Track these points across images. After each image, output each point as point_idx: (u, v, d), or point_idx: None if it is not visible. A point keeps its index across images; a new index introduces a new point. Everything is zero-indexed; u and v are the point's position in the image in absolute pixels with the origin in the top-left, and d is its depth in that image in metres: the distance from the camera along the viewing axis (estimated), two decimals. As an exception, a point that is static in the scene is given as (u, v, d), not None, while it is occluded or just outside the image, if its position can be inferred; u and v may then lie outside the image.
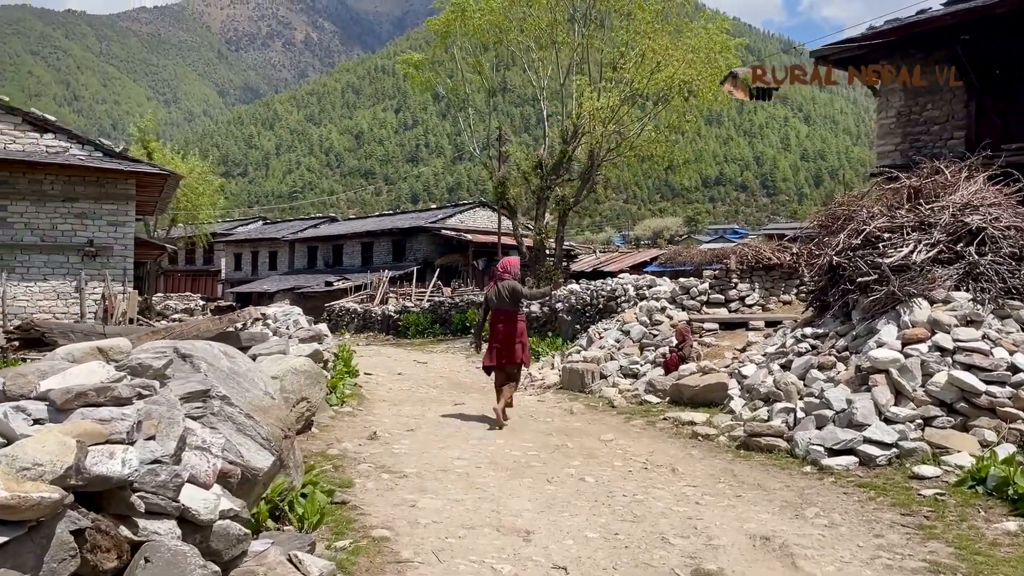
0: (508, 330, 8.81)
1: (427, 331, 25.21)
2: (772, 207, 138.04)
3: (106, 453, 2.34)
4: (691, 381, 9.47)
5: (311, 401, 7.52)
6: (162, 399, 2.82)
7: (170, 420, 2.74)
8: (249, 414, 3.71)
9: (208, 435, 2.99)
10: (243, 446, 3.51)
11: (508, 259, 9.57)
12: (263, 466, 3.51)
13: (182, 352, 3.95)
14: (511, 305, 8.83)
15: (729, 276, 12.97)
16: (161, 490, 2.53)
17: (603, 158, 21.81)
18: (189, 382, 3.35)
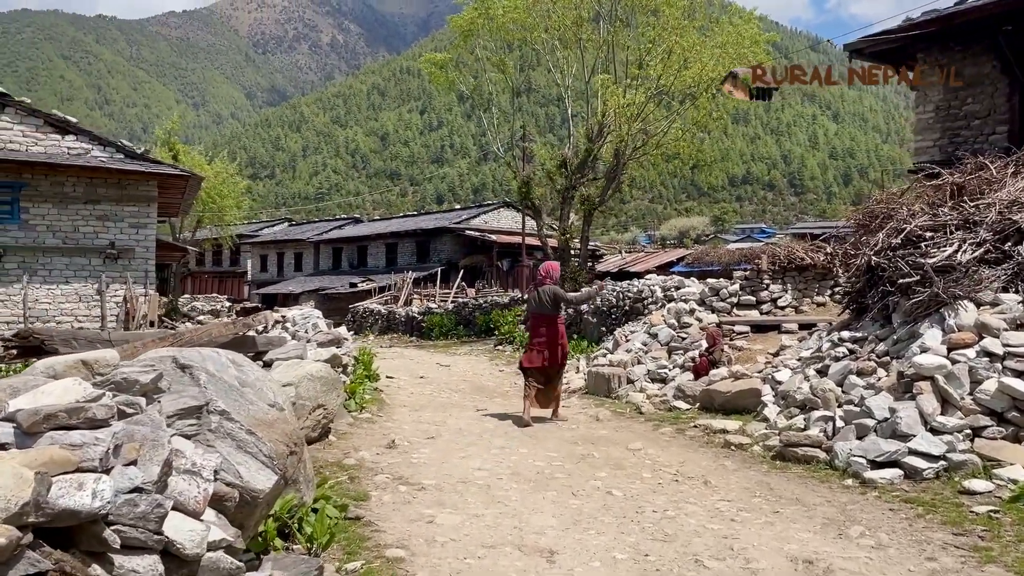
0: (550, 333, 9.09)
1: (451, 333, 24.99)
2: (800, 206, 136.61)
3: (74, 484, 2.07)
4: (722, 387, 9.11)
5: (328, 408, 7.27)
6: (146, 419, 2.56)
7: (154, 442, 2.47)
8: (251, 430, 3.45)
9: (200, 457, 2.72)
10: (243, 465, 3.25)
11: (549, 263, 9.83)
12: (264, 487, 3.24)
13: (181, 362, 3.70)
14: (552, 309, 9.12)
15: (760, 277, 12.57)
16: (141, 522, 2.27)
17: (629, 157, 21.40)
18: (183, 397, 3.09)
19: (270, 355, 8.24)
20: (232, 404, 3.63)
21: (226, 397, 3.66)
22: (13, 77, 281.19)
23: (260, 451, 3.41)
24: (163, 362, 3.70)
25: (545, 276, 9.30)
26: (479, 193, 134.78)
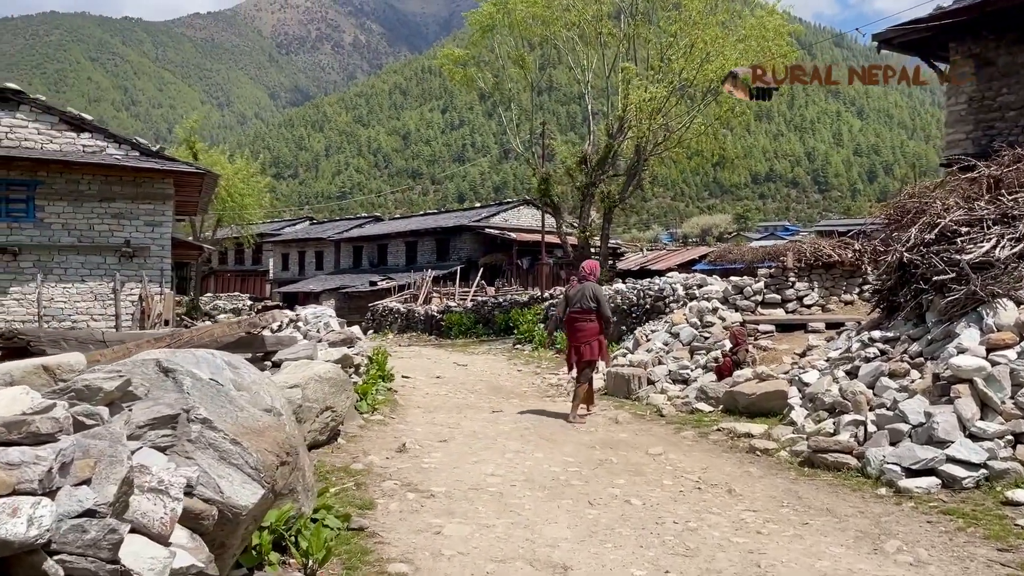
0: (586, 329, 9.13)
1: (470, 331, 24.73)
2: (824, 203, 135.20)
3: (7, 509, 1.82)
4: (746, 388, 8.77)
5: (336, 411, 7.03)
6: (105, 431, 2.30)
7: (112, 458, 2.22)
8: (236, 439, 3.19)
9: (168, 473, 2.47)
10: (225, 479, 2.99)
11: (591, 262, 10.01)
12: (247, 503, 2.98)
13: (165, 366, 3.45)
14: (590, 306, 9.14)
15: (786, 274, 12.17)
16: (91, 550, 2.01)
17: (650, 153, 21.02)
18: (157, 405, 2.84)
19: (279, 355, 8.02)
20: (218, 411, 3.37)
21: (212, 403, 3.41)
22: (42, 79, 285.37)
23: (246, 462, 3.16)
24: (145, 366, 3.46)
25: (589, 273, 9.44)
26: (500, 191, 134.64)
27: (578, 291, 9.33)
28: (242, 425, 3.43)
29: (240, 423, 3.43)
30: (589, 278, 9.37)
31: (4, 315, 13.86)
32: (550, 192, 22.05)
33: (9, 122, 14.06)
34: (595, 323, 9.16)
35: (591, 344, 9.11)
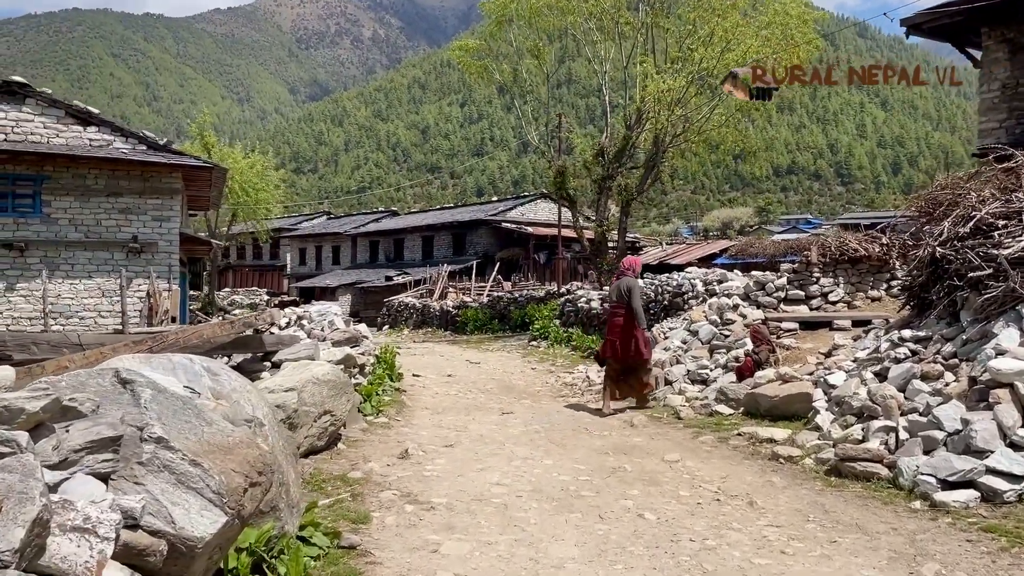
0: (624, 325, 9.22)
1: (485, 327, 24.41)
2: (847, 196, 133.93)
3: None
4: (769, 390, 8.34)
5: (336, 414, 6.70)
6: (16, 463, 1.97)
7: (22, 495, 1.88)
8: (196, 459, 2.85)
9: (98, 508, 2.13)
10: (179, 506, 2.65)
11: (633, 257, 10.36)
12: (205, 533, 2.63)
13: (123, 377, 3.11)
14: (624, 300, 9.27)
15: (810, 270, 11.70)
16: (-20, 611, 1.67)
17: (669, 144, 20.53)
18: (97, 425, 2.50)
19: (279, 355, 7.71)
20: (180, 427, 3.03)
21: (174, 419, 3.06)
22: (65, 75, 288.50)
23: (207, 486, 2.81)
24: (102, 376, 3.13)
25: (627, 268, 9.61)
26: (519, 185, 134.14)
27: (615, 286, 9.57)
28: (207, 442, 3.09)
29: (205, 440, 3.09)
30: (627, 273, 9.53)
31: (11, 312, 13.70)
32: (566, 185, 21.62)
33: (15, 116, 13.88)
34: (628, 318, 9.22)
35: (633, 339, 9.15)
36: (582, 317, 18.62)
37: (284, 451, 4.42)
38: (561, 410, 9.51)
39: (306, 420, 6.36)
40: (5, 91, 13.82)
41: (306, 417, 6.36)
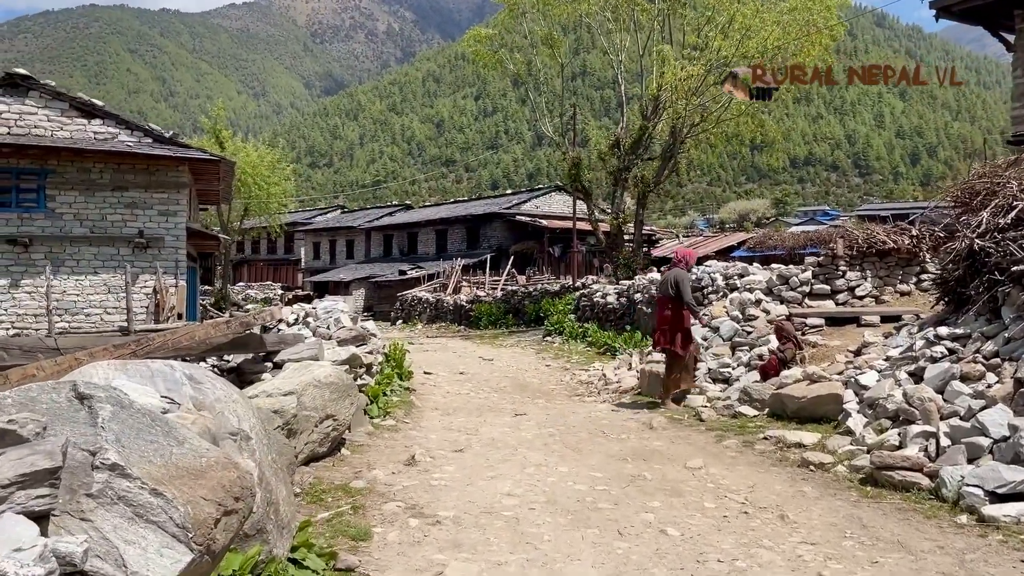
0: (672, 317, 9.13)
1: (499, 322, 24.05)
2: (865, 187, 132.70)
3: None
4: (796, 391, 7.91)
5: (338, 419, 6.35)
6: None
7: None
8: (158, 488, 2.49)
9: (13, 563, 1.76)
10: (134, 545, 2.29)
11: (682, 248, 10.54)
12: None
13: (80, 391, 2.75)
14: (669, 293, 9.16)
15: (836, 263, 11.23)
16: None
17: (686, 134, 20.03)
18: (33, 455, 2.14)
19: (281, 356, 7.38)
20: (144, 448, 2.67)
21: (138, 439, 2.70)
22: (83, 71, 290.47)
23: (170, 519, 2.45)
24: (57, 391, 2.77)
25: (679, 260, 9.54)
26: (534, 178, 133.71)
27: (664, 277, 9.56)
28: (175, 466, 2.73)
29: (173, 463, 2.73)
30: (679, 264, 9.45)
31: (16, 309, 13.47)
32: (581, 177, 21.17)
33: (19, 109, 13.62)
34: (674, 311, 9.12)
35: (668, 334, 9.07)
36: (598, 312, 18.20)
37: (275, 465, 4.06)
38: (576, 411, 9.12)
39: (306, 425, 6.01)
40: (8, 84, 13.57)
41: (306, 422, 6.01)
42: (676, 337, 9.10)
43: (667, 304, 9.19)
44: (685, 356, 9.13)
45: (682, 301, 9.06)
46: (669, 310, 9.15)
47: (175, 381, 3.81)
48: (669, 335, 9.14)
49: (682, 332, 9.13)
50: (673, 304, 9.12)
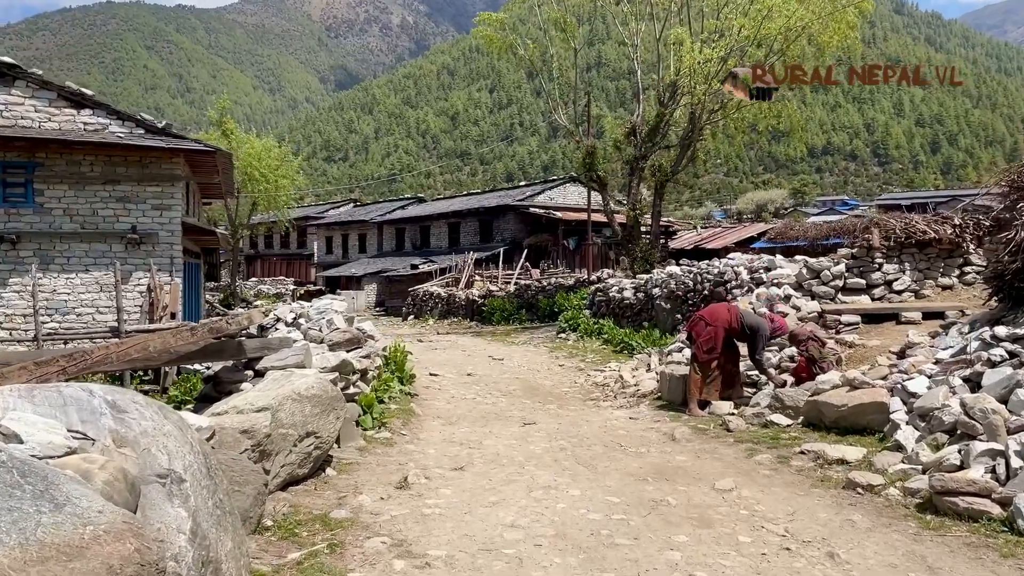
0: (716, 342, 8.51)
1: (512, 317, 23.32)
2: (884, 176, 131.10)
3: None
4: (834, 398, 7.11)
5: (321, 436, 5.64)
6: None
7: None
8: (-5, 584, 1.76)
9: None
10: None
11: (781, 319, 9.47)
12: None
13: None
14: (739, 332, 8.56)
15: (871, 255, 10.40)
16: None
17: (705, 122, 19.16)
18: None
19: (264, 362, 6.68)
20: (-9, 522, 1.95)
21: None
22: (100, 68, 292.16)
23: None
24: None
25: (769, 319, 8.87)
26: (549, 171, 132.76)
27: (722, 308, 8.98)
28: (40, 543, 2.02)
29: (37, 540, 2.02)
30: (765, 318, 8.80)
31: (3, 309, 12.88)
32: (596, 166, 20.34)
33: (4, 99, 12.99)
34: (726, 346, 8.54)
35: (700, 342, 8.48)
36: (614, 307, 17.41)
37: (220, 510, 3.34)
38: (590, 419, 8.37)
39: (283, 445, 5.30)
40: (-7, 73, 12.96)
41: (283, 442, 5.30)
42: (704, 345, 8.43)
43: (720, 333, 8.38)
44: (704, 360, 8.36)
45: (753, 350, 8.39)
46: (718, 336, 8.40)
47: (92, 410, 3.10)
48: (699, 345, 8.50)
49: (704, 334, 8.46)
50: (727, 339, 8.47)
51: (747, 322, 8.44)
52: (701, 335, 8.47)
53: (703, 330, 8.46)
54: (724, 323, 8.42)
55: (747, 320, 8.48)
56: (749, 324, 8.42)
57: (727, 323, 8.43)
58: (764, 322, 8.50)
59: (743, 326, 8.41)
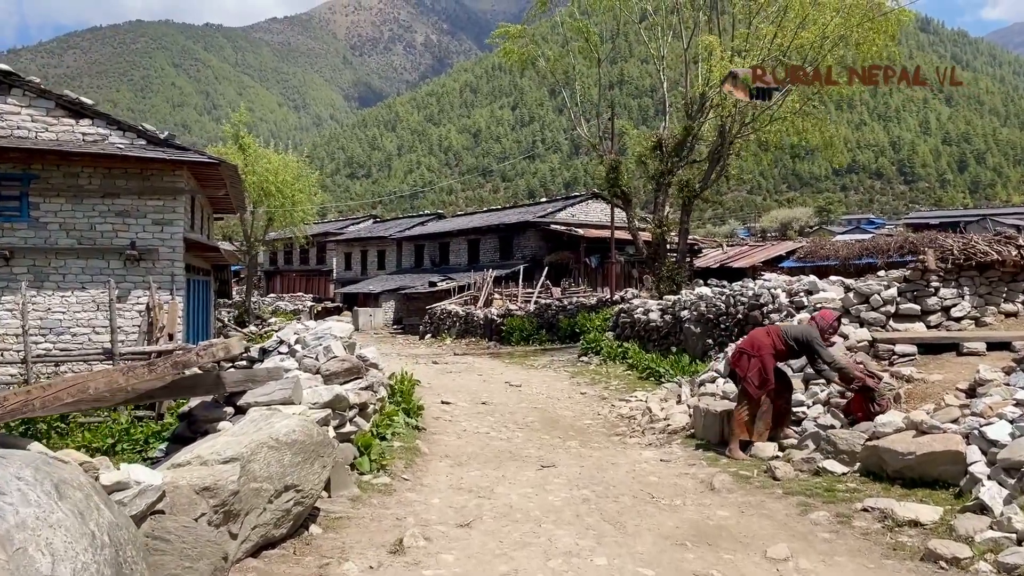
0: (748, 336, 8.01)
1: (531, 338, 22.46)
2: (911, 195, 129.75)
3: None
4: (899, 444, 6.18)
5: (303, 489, 4.81)
6: None
7: None
8: None
9: None
10: None
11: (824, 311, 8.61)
12: None
13: None
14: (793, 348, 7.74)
15: (926, 277, 9.45)
16: None
17: (736, 134, 18.26)
18: None
19: (247, 397, 5.89)
20: None
21: None
22: (129, 85, 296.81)
23: None
24: None
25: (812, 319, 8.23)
26: (571, 188, 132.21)
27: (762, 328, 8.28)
28: None
29: None
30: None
31: (-4, 328, 12.23)
32: (620, 181, 19.48)
33: (0, 108, 12.40)
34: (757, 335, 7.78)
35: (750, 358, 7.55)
36: (639, 330, 16.49)
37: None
38: (618, 460, 7.47)
39: (255, 503, 4.48)
40: (-11, 80, 12.39)
41: (255, 499, 4.48)
42: (749, 369, 7.51)
43: (769, 362, 7.47)
44: (753, 394, 7.44)
45: (813, 361, 7.54)
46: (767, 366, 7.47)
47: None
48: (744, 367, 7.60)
49: (756, 360, 7.50)
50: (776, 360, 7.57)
51: (793, 336, 7.55)
52: (748, 370, 7.52)
53: (747, 364, 7.52)
54: (769, 349, 7.51)
55: (792, 334, 7.59)
56: (795, 337, 7.53)
57: (772, 348, 7.52)
58: (810, 328, 7.65)
59: (789, 343, 7.52)
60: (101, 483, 3.68)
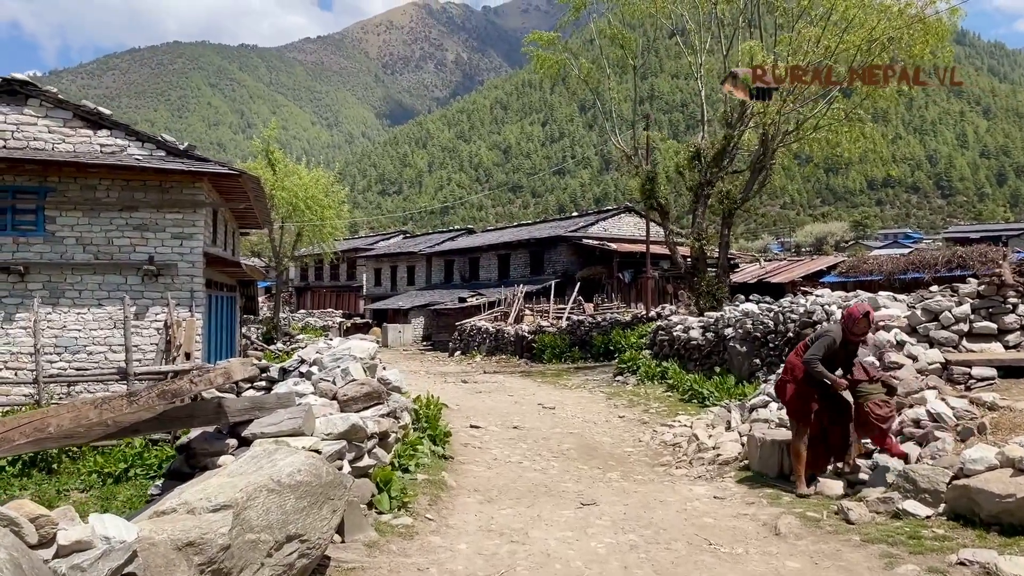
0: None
1: (564, 355, 21.71)
2: (948, 209, 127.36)
3: None
4: (994, 485, 5.36)
5: (309, 539, 4.15)
6: None
7: None
8: None
9: None
10: None
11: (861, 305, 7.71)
12: None
13: None
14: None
15: (1002, 292, 8.58)
16: None
17: (779, 143, 17.44)
18: None
19: (253, 427, 5.26)
20: None
21: None
22: (166, 105, 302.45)
23: None
24: None
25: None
26: (601, 203, 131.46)
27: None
28: None
29: None
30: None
31: (10, 347, 11.81)
32: (656, 193, 18.72)
33: (16, 119, 12.07)
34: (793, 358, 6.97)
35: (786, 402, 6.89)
36: (678, 348, 15.68)
37: None
38: (665, 497, 6.70)
39: (251, 557, 3.82)
40: (6, 91, 12.05)
41: (251, 552, 3.82)
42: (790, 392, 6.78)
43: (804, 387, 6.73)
44: (799, 422, 6.66)
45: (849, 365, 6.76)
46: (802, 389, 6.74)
47: None
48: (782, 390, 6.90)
49: (793, 389, 6.76)
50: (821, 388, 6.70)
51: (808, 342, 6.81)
52: (784, 396, 6.83)
53: (783, 388, 6.82)
54: (801, 369, 6.73)
55: (810, 339, 6.83)
56: (807, 343, 6.81)
57: (804, 367, 6.73)
58: (825, 327, 7.07)
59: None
60: (59, 543, 3.06)
